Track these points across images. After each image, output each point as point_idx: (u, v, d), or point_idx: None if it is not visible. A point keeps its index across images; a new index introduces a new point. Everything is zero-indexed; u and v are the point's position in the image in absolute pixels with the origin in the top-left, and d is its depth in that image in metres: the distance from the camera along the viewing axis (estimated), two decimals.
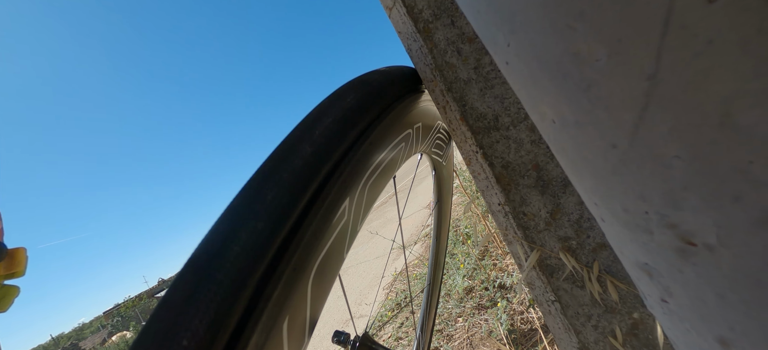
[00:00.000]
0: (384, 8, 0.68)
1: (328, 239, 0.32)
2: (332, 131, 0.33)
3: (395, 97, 0.48)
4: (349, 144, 0.34)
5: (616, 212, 0.19)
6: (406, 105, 0.50)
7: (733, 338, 0.16)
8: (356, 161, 0.35)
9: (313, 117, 0.34)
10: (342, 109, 0.35)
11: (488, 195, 0.65)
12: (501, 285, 1.66)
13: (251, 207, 0.26)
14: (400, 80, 0.51)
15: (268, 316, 0.25)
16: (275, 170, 0.29)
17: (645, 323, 0.59)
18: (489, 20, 0.20)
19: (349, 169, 0.33)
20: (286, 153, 0.30)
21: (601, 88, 0.15)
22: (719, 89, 0.12)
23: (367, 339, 0.61)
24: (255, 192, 0.27)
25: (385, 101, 0.44)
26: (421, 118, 0.56)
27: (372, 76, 0.47)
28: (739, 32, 0.11)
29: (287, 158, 0.29)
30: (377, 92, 0.43)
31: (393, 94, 0.47)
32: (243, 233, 0.25)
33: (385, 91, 0.45)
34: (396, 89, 0.48)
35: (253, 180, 0.29)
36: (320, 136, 0.32)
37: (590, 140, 0.17)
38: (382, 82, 0.46)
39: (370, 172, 0.40)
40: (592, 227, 0.60)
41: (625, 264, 0.21)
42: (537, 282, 0.64)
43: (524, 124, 0.63)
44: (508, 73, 0.21)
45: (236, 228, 0.25)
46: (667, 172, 0.15)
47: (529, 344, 1.25)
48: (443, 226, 0.76)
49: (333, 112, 0.35)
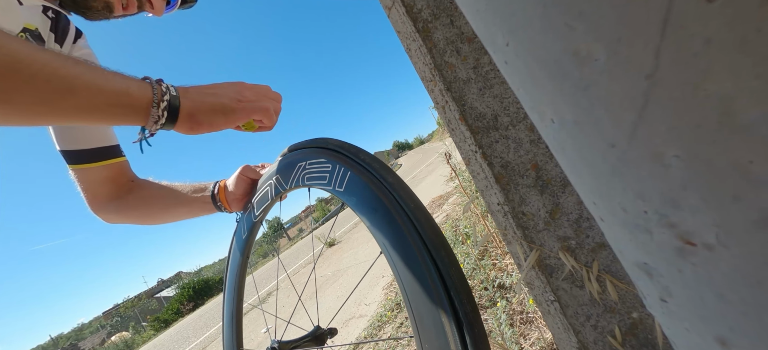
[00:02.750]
0: (383, 8, 0.68)
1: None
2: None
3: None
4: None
5: (616, 211, 0.19)
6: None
7: (733, 338, 0.16)
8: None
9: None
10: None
11: (487, 195, 0.65)
12: (500, 285, 1.66)
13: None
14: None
15: None
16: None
17: (644, 323, 0.59)
18: (488, 20, 0.20)
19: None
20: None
21: (601, 87, 0.15)
22: (718, 88, 0.12)
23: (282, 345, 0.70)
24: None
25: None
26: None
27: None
28: (737, 31, 0.11)
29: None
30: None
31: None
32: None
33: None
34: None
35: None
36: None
37: (589, 140, 0.17)
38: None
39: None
40: (592, 227, 0.60)
41: (625, 263, 0.21)
42: (536, 282, 0.64)
43: (523, 124, 0.63)
44: (507, 72, 0.21)
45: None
46: (666, 172, 0.15)
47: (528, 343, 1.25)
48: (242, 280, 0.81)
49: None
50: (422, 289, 0.41)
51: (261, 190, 0.70)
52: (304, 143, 0.63)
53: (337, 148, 0.55)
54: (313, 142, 0.61)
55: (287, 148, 0.66)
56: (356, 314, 2.61)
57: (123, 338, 27.69)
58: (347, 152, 0.54)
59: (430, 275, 0.41)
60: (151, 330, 24.28)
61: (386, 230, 0.45)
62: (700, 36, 0.12)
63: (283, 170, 0.64)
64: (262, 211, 0.71)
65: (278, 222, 29.32)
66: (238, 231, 0.79)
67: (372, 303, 2.64)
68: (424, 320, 0.41)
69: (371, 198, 0.48)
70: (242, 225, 0.77)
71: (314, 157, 0.57)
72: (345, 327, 2.46)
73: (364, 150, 0.53)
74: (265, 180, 0.69)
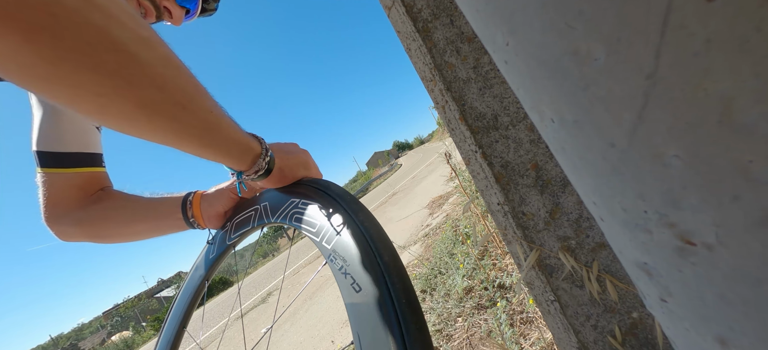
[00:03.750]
0: (383, 7, 0.68)
1: None
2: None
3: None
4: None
5: (615, 211, 0.19)
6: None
7: (733, 337, 0.16)
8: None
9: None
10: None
11: (487, 195, 0.65)
12: (500, 285, 1.66)
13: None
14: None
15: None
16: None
17: (644, 322, 0.59)
18: (488, 19, 0.20)
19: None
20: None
21: (600, 87, 0.15)
22: (718, 88, 0.12)
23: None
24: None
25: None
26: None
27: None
28: (737, 31, 0.11)
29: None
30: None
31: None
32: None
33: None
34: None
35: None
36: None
37: (589, 139, 0.17)
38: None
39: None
40: (592, 226, 0.60)
41: (625, 263, 0.21)
42: (536, 282, 0.64)
43: (523, 124, 0.63)
44: (507, 72, 0.21)
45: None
46: (666, 171, 0.15)
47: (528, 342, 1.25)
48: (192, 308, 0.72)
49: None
50: None
51: (244, 213, 0.64)
52: (307, 181, 0.58)
53: (340, 198, 0.51)
54: (312, 181, 0.57)
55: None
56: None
57: (123, 337, 27.70)
58: (347, 207, 0.49)
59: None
60: (151, 329, 24.31)
61: (364, 315, 0.40)
62: (700, 36, 0.12)
63: (273, 200, 0.60)
64: (240, 236, 0.65)
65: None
66: (208, 249, 0.70)
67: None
68: None
69: (359, 275, 0.43)
70: (214, 245, 0.69)
71: (310, 200, 0.53)
72: (345, 327, 2.46)
73: (365, 209, 0.49)
74: (248, 204, 0.64)
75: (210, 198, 0.67)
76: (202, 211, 0.67)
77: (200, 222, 0.67)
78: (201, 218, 0.67)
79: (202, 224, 0.68)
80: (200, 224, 0.68)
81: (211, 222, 0.68)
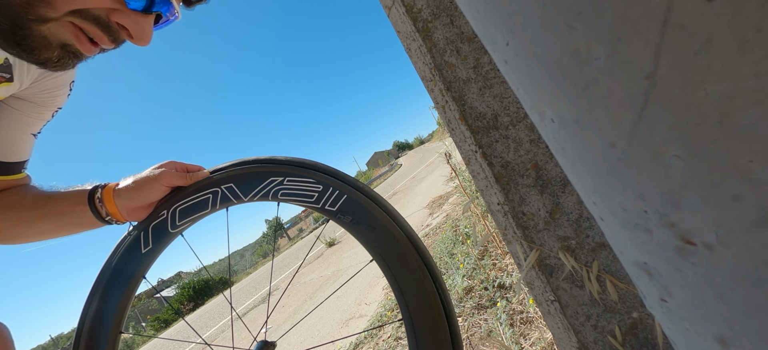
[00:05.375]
0: (383, 7, 0.68)
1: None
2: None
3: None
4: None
5: (616, 211, 0.19)
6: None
7: (733, 337, 0.16)
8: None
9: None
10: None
11: (487, 195, 0.65)
12: (500, 285, 1.66)
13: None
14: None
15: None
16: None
17: (644, 323, 0.59)
18: (488, 19, 0.20)
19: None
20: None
21: (600, 87, 0.15)
22: (718, 88, 0.12)
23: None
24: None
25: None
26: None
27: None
28: (737, 31, 0.11)
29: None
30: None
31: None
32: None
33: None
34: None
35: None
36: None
37: (589, 139, 0.17)
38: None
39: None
40: (592, 226, 0.60)
41: (625, 263, 0.21)
42: (536, 282, 0.64)
43: (523, 124, 0.63)
44: (507, 72, 0.21)
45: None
46: (666, 171, 0.15)
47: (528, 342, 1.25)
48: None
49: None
50: (418, 289, 0.58)
51: (193, 198, 0.62)
52: (279, 158, 0.64)
53: (329, 172, 0.63)
54: (295, 161, 0.64)
55: (253, 159, 0.64)
56: (356, 314, 2.61)
57: (122, 337, 27.67)
58: (340, 178, 0.63)
59: (426, 281, 0.58)
60: (151, 329, 24.33)
61: (385, 245, 0.59)
62: (700, 36, 0.12)
63: (240, 180, 0.62)
64: (188, 222, 0.64)
65: (278, 222, 29.37)
66: (133, 242, 0.63)
67: (372, 303, 2.65)
68: (419, 314, 0.58)
69: (368, 218, 0.60)
70: (143, 236, 0.63)
71: (300, 175, 0.61)
72: (345, 327, 2.46)
73: (350, 176, 0.65)
74: (200, 188, 0.63)
75: (130, 191, 0.62)
76: (120, 206, 0.62)
77: (118, 217, 0.63)
78: (119, 213, 0.62)
79: (121, 219, 0.64)
80: (118, 219, 0.64)
81: (134, 216, 0.64)
